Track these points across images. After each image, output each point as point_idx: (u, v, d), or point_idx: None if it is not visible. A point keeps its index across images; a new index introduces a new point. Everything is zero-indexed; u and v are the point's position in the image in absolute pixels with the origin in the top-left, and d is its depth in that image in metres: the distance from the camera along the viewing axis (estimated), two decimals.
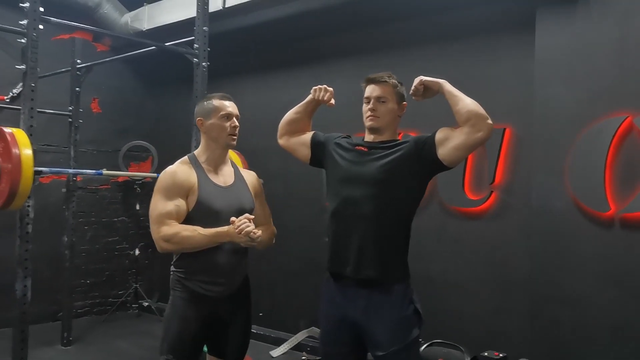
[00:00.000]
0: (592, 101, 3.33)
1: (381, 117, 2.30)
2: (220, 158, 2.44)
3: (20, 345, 3.04)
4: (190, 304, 2.32)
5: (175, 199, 2.28)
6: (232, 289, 2.39)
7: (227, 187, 2.40)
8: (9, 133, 2.80)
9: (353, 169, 2.29)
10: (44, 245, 5.08)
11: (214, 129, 2.39)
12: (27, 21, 3.02)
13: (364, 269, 2.20)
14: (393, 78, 2.34)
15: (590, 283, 3.30)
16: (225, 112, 2.39)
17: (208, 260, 2.31)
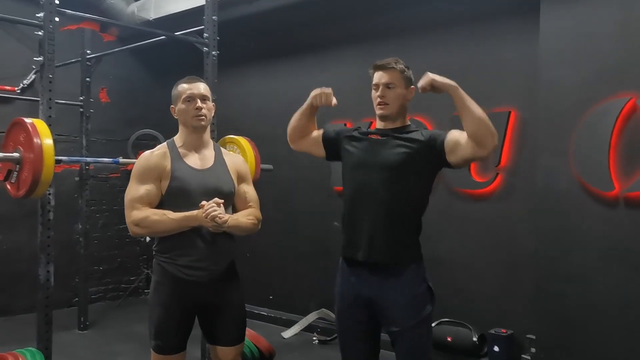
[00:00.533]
0: (596, 83, 3.40)
1: (391, 103, 2.32)
2: (196, 141, 2.42)
3: (45, 328, 3.13)
4: (172, 289, 2.33)
5: (147, 183, 2.31)
6: (216, 274, 2.35)
7: (203, 169, 2.38)
8: (30, 124, 2.87)
9: (366, 156, 2.33)
10: (58, 233, 5.14)
11: (181, 113, 2.42)
12: (44, 14, 3.08)
13: (376, 254, 2.26)
14: (400, 63, 2.35)
15: (595, 261, 3.39)
16: (186, 95, 2.39)
17: (188, 244, 2.30)
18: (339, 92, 5.11)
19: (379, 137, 2.35)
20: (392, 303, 2.26)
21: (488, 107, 3.97)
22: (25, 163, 2.89)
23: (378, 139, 2.34)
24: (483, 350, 3.96)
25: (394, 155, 2.27)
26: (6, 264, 5.22)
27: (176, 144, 2.44)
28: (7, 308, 5.22)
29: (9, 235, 5.25)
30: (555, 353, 3.53)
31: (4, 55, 5.14)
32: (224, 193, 2.38)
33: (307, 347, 4.55)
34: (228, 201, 2.42)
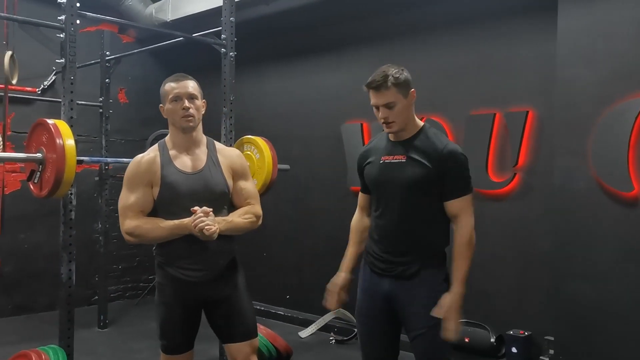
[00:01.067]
0: (614, 82, 3.37)
1: (396, 121, 2.26)
2: (186, 142, 2.37)
3: (67, 326, 3.19)
4: (173, 290, 2.34)
5: (137, 189, 2.29)
6: (214, 274, 2.35)
7: (194, 172, 2.34)
8: (52, 124, 2.93)
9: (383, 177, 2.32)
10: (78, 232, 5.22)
11: (169, 113, 2.37)
12: (65, 16, 3.14)
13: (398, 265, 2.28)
14: (391, 75, 2.22)
15: (613, 262, 3.36)
16: (173, 95, 2.34)
17: (185, 246, 2.29)
18: (354, 91, 5.15)
19: (391, 158, 2.31)
20: (413, 303, 2.27)
21: (505, 107, 4.03)
22: (47, 163, 2.95)
23: (392, 162, 2.31)
24: (501, 352, 3.95)
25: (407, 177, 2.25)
26: (27, 262, 5.31)
27: (167, 145, 2.40)
28: (29, 306, 5.31)
29: (30, 234, 5.33)
30: (574, 354, 3.51)
31: (25, 57, 5.20)
32: (216, 194, 2.35)
33: (324, 347, 4.57)
34: (222, 202, 2.39)
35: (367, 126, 4.76)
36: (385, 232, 2.32)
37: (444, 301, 2.19)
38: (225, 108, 3.78)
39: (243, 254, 2.68)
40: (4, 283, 5.18)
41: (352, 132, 4.83)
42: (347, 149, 4.88)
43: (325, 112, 5.13)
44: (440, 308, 2.19)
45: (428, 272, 2.28)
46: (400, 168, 2.27)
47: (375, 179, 2.35)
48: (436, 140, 2.28)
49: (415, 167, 2.24)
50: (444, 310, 2.18)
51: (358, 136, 4.78)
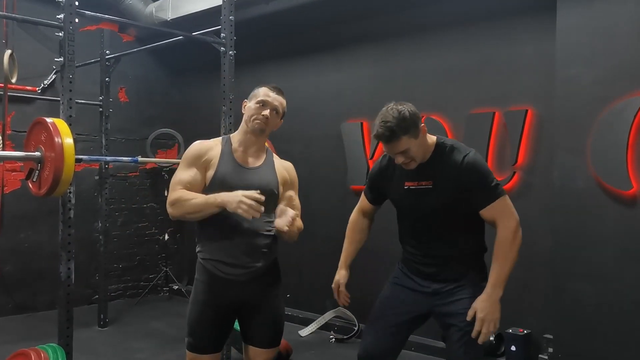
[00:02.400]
0: (613, 81, 3.37)
1: (415, 159, 2.25)
2: (251, 142, 2.41)
3: (66, 325, 3.19)
4: (210, 288, 2.32)
5: (191, 169, 2.34)
6: (255, 273, 2.33)
7: (250, 167, 2.39)
8: (51, 123, 2.93)
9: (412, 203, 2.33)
10: (78, 231, 5.22)
11: (248, 111, 2.43)
12: (64, 15, 3.13)
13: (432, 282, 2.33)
14: (398, 125, 2.16)
15: (612, 260, 3.36)
16: (261, 99, 2.41)
17: (227, 242, 2.30)
18: (355, 90, 5.15)
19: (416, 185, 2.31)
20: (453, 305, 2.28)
21: (504, 106, 4.02)
22: (46, 162, 2.95)
23: (418, 189, 2.31)
24: (500, 350, 3.95)
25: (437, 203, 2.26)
26: (28, 261, 5.31)
27: (232, 139, 2.46)
28: (29, 305, 5.31)
29: (31, 233, 5.34)
30: (573, 353, 3.51)
31: (25, 56, 5.21)
32: (267, 192, 2.29)
33: (324, 346, 4.57)
34: (271, 202, 2.35)
35: (367, 125, 4.76)
36: (421, 241, 2.36)
37: (477, 304, 2.18)
38: (225, 107, 3.77)
39: None
40: (4, 282, 5.18)
41: (353, 131, 4.83)
42: (347, 148, 4.88)
43: (326, 111, 5.13)
44: (473, 311, 2.17)
45: (471, 276, 2.31)
46: (428, 194, 2.27)
47: (402, 206, 2.39)
48: (454, 156, 2.26)
49: (444, 191, 2.24)
50: (477, 314, 2.16)
51: (358, 135, 4.79)
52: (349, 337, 4.63)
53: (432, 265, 2.34)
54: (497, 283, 2.18)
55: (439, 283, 2.32)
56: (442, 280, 2.32)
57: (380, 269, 3.63)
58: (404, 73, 4.56)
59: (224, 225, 2.29)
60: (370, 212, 2.60)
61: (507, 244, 2.21)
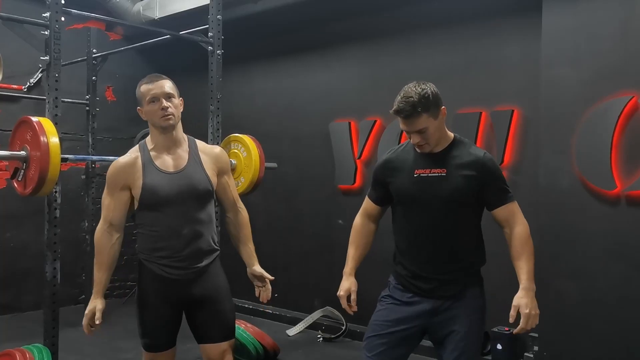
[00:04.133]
0: (597, 81, 3.41)
1: (430, 142, 2.16)
2: (167, 141, 2.36)
3: (52, 325, 3.18)
4: (156, 287, 2.34)
5: (116, 192, 2.33)
6: (197, 272, 2.36)
7: (176, 171, 2.34)
8: (36, 122, 2.92)
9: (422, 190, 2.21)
10: (65, 231, 5.20)
11: (148, 115, 2.35)
12: (50, 13, 3.13)
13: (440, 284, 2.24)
14: (420, 101, 2.08)
15: (597, 259, 3.40)
16: (150, 96, 2.32)
17: (168, 244, 2.31)
18: (342, 90, 5.17)
19: (429, 172, 2.20)
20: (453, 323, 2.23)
21: (491, 106, 4.05)
22: (31, 161, 2.94)
23: (430, 176, 2.20)
24: (486, 349, 3.97)
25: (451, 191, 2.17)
26: (14, 261, 5.27)
27: (147, 146, 2.38)
28: (15, 305, 5.27)
29: (16, 233, 5.30)
30: (558, 351, 3.55)
31: (11, 55, 5.18)
32: (200, 193, 2.35)
33: (312, 345, 4.58)
34: (206, 199, 2.40)
35: (354, 124, 4.78)
36: (424, 250, 2.24)
37: (520, 301, 2.14)
38: (212, 106, 3.78)
39: (230, 253, 2.70)
40: None
41: (340, 131, 4.85)
42: (335, 147, 4.89)
43: (314, 111, 5.14)
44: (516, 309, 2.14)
45: (470, 292, 2.27)
46: (441, 182, 2.17)
47: (411, 194, 2.23)
48: (473, 150, 2.22)
49: (459, 180, 2.16)
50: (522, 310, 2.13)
51: (346, 134, 4.80)
52: (337, 337, 4.64)
53: (432, 279, 2.22)
54: (530, 277, 2.18)
55: (437, 300, 2.22)
56: (440, 297, 2.22)
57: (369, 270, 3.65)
58: (391, 73, 4.57)
59: (163, 228, 2.32)
60: (375, 215, 2.43)
61: (528, 239, 2.21)
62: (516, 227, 2.22)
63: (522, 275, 2.19)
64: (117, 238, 2.40)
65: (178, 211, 2.30)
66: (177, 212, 2.30)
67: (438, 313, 2.23)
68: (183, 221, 2.32)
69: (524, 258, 2.20)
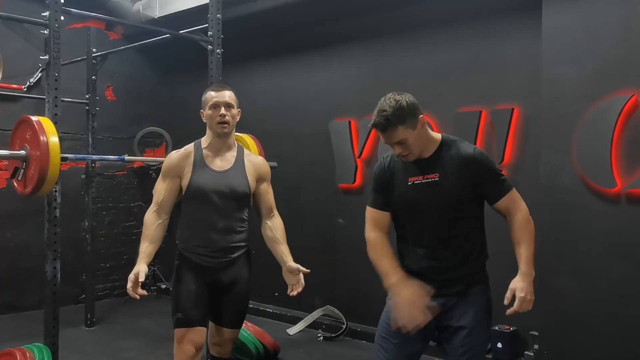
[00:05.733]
0: (598, 80, 3.40)
1: (413, 151, 2.16)
2: (219, 145, 2.66)
3: (52, 324, 3.18)
4: (191, 270, 2.63)
5: (167, 178, 2.64)
6: (229, 262, 2.66)
7: (222, 171, 2.63)
8: (36, 121, 2.92)
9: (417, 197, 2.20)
10: (65, 230, 5.20)
11: (207, 118, 2.64)
12: (49, 12, 3.13)
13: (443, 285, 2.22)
14: (394, 114, 2.08)
15: (597, 257, 3.39)
16: (212, 103, 2.61)
17: (204, 237, 2.62)
18: (343, 89, 5.16)
19: (422, 178, 2.20)
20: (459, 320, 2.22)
21: (491, 105, 4.05)
22: (31, 161, 2.94)
23: (423, 182, 2.20)
24: (487, 347, 3.96)
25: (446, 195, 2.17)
26: (15, 261, 5.28)
27: (202, 144, 2.68)
28: (16, 304, 5.28)
29: (18, 233, 5.31)
30: (558, 349, 3.54)
31: (11, 54, 5.19)
32: (238, 192, 2.64)
33: (312, 344, 4.58)
34: (243, 202, 2.69)
35: (355, 123, 4.77)
36: (427, 254, 2.23)
37: (516, 285, 2.14)
38: None
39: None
40: None
41: (341, 130, 4.84)
42: (335, 146, 4.89)
43: (314, 110, 5.13)
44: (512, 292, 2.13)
45: (475, 289, 2.26)
46: (435, 187, 2.17)
47: (407, 203, 2.22)
48: (462, 149, 2.20)
49: (453, 181, 2.16)
50: (517, 293, 2.12)
51: (346, 133, 4.79)
52: (337, 335, 4.63)
53: (436, 280, 2.20)
54: (529, 262, 2.19)
55: (443, 297, 2.20)
56: (445, 295, 2.20)
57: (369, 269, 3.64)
58: (391, 72, 4.57)
59: (202, 224, 2.63)
60: (386, 225, 2.33)
61: (528, 225, 2.23)
62: (516, 215, 2.24)
63: (521, 261, 2.20)
64: (164, 220, 2.63)
65: (217, 207, 2.60)
66: (216, 207, 2.60)
67: (445, 310, 2.22)
68: (220, 216, 2.61)
69: (524, 244, 2.22)
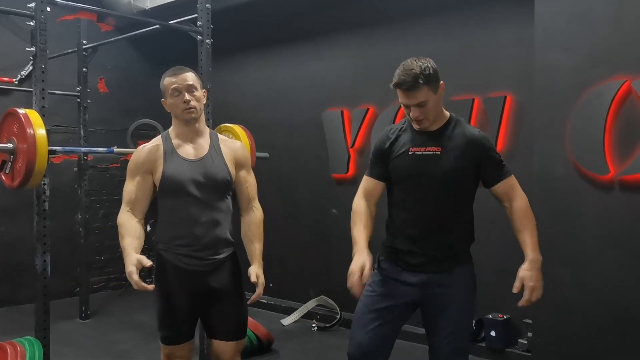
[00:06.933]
0: (591, 66, 3.37)
1: (428, 117, 2.16)
2: (189, 133, 2.39)
3: (43, 317, 3.17)
4: (172, 278, 2.32)
5: (136, 176, 2.35)
6: (215, 264, 2.35)
7: (197, 159, 2.35)
8: (22, 114, 2.89)
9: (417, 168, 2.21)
10: (59, 224, 5.22)
11: (171, 107, 2.38)
12: (35, 4, 3.09)
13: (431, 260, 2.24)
14: (422, 74, 2.07)
15: (591, 245, 3.38)
16: (172, 89, 2.34)
17: (187, 234, 2.31)
18: (335, 78, 5.13)
19: (423, 150, 2.21)
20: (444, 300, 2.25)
21: (484, 93, 4.02)
22: (18, 153, 2.92)
23: (425, 154, 2.20)
24: (480, 335, 3.97)
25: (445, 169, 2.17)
26: (9, 254, 5.27)
27: (170, 135, 2.42)
28: (11, 298, 5.27)
29: (11, 226, 5.29)
30: (552, 337, 3.54)
31: (2, 47, 5.15)
32: (218, 182, 2.35)
33: (307, 334, 4.58)
34: (224, 190, 2.39)
35: (347, 113, 4.75)
36: (417, 227, 2.24)
37: (524, 274, 2.15)
38: None
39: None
40: None
41: (333, 120, 4.82)
42: (328, 136, 4.87)
43: (307, 100, 5.10)
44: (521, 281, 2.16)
45: (460, 268, 2.28)
46: (435, 160, 2.18)
47: (407, 172, 2.23)
48: (468, 130, 2.21)
49: (453, 158, 2.16)
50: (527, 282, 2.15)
51: (339, 123, 4.77)
52: (332, 325, 4.63)
53: (423, 254, 2.22)
54: (535, 248, 2.19)
55: (427, 274, 2.23)
56: (431, 271, 2.23)
57: None
58: (383, 61, 4.53)
59: (183, 215, 2.32)
60: (376, 195, 2.35)
61: (529, 211, 2.24)
62: (515, 201, 2.23)
63: (527, 248, 2.21)
64: (140, 219, 2.37)
65: (197, 198, 2.31)
66: (197, 199, 2.31)
67: (427, 287, 2.23)
68: (202, 209, 2.32)
69: (527, 231, 2.22)
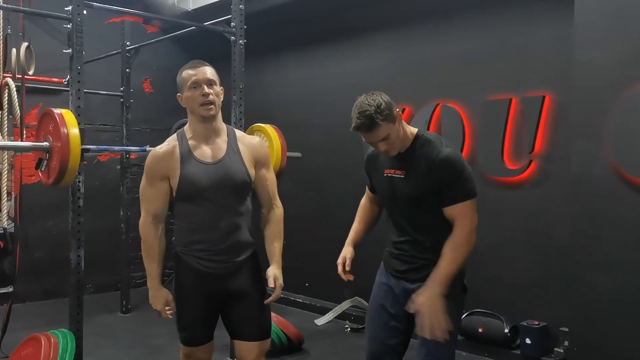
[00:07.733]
0: (632, 63, 3.20)
1: (396, 146, 2.22)
2: (206, 130, 2.28)
3: (76, 310, 3.28)
4: (192, 281, 2.29)
5: (155, 182, 2.27)
6: (234, 267, 2.31)
7: (214, 162, 2.26)
8: (57, 114, 3.00)
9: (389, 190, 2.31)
10: (105, 220, 5.41)
11: (188, 101, 2.27)
12: (72, 7, 3.20)
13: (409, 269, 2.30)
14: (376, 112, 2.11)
15: (630, 251, 3.22)
16: (191, 82, 2.24)
17: (206, 237, 2.26)
18: (372, 76, 5.09)
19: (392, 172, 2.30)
20: None
21: (521, 92, 3.91)
22: (54, 152, 3.03)
23: (394, 177, 2.29)
24: (515, 342, 3.86)
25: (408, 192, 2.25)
26: (57, 248, 5.46)
27: (186, 135, 2.31)
28: (58, 290, 5.46)
29: (59, 221, 5.48)
30: (589, 346, 3.39)
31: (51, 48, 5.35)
32: (238, 184, 2.28)
33: (339, 335, 4.57)
34: (244, 192, 2.33)
35: None
36: (398, 236, 2.35)
37: (418, 299, 2.13)
38: (235, 96, 3.80)
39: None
40: (34, 268, 5.37)
41: None
42: None
43: (343, 100, 5.03)
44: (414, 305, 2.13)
45: None
46: (401, 183, 2.27)
47: (382, 193, 2.39)
48: (429, 150, 2.21)
49: (414, 182, 2.23)
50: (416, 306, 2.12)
51: None
52: (364, 327, 4.59)
53: (406, 262, 2.31)
54: (441, 280, 2.13)
55: (410, 283, 2.28)
56: (410, 280, 2.29)
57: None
58: (419, 59, 4.48)
59: (201, 220, 2.27)
60: (375, 199, 2.58)
61: (457, 246, 2.17)
62: (455, 231, 2.19)
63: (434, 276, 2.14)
64: (162, 229, 2.34)
65: (216, 203, 2.25)
66: (215, 203, 2.25)
67: (408, 296, 2.23)
68: (221, 213, 2.26)
69: (446, 261, 2.16)
